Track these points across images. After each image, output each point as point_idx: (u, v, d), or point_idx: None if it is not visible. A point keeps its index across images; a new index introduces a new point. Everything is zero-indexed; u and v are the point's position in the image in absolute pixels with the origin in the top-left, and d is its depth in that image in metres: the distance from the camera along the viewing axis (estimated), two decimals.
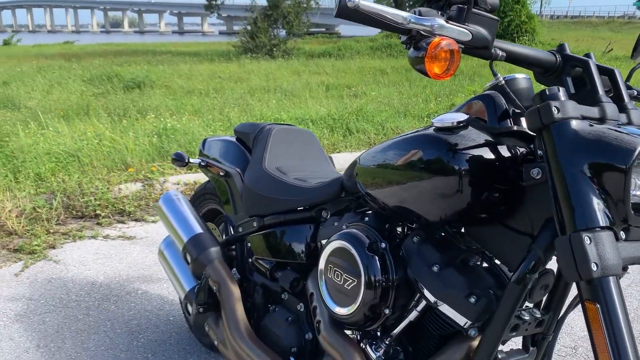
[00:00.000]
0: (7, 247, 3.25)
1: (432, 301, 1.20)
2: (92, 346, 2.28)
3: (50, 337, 2.34)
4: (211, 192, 2.26)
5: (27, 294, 2.71)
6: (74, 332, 2.38)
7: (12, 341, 2.31)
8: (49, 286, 2.80)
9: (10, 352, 2.24)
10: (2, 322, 2.45)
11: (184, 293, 1.93)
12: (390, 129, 5.98)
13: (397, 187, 1.24)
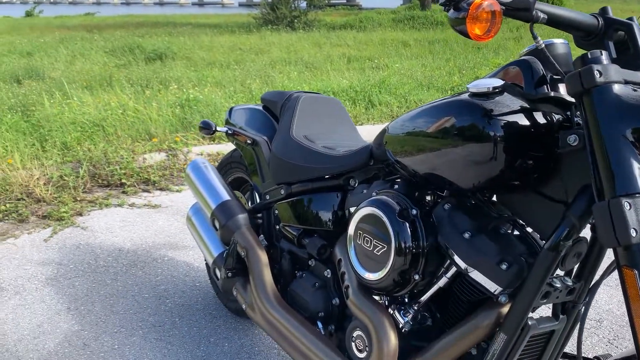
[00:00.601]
0: (36, 214, 3.32)
1: (463, 267, 1.20)
2: (120, 310, 2.34)
3: (80, 301, 2.40)
4: (237, 161, 2.27)
5: (56, 259, 2.78)
6: (102, 296, 2.44)
7: (43, 303, 2.38)
8: (78, 252, 2.86)
9: (43, 314, 2.30)
10: (33, 286, 2.52)
11: (212, 258, 1.97)
12: (413, 101, 5.93)
13: (428, 154, 1.23)
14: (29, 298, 2.42)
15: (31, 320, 2.26)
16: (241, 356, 2.07)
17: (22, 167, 3.76)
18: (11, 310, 2.32)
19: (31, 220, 3.25)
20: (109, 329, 2.20)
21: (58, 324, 2.23)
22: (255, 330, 2.24)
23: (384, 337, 1.30)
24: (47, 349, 2.07)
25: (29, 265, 2.71)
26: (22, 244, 2.94)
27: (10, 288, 2.49)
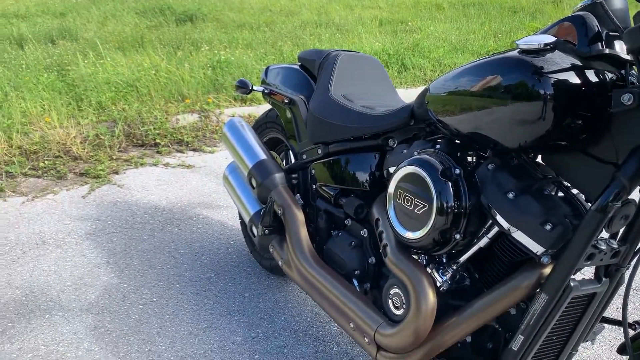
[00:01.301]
0: (73, 171, 3.40)
1: (506, 228, 1.19)
2: (158, 264, 2.40)
3: (119, 255, 2.47)
4: (273, 121, 2.27)
5: (94, 215, 2.85)
6: (140, 251, 2.50)
7: (83, 257, 2.46)
8: (115, 208, 2.93)
9: (83, 266, 2.38)
10: (73, 240, 2.60)
11: (248, 216, 1.99)
12: (447, 65, 5.81)
13: (472, 113, 1.21)
14: (70, 251, 2.50)
15: (72, 272, 2.33)
16: (275, 312, 2.12)
17: (59, 126, 3.83)
18: (53, 262, 2.40)
19: (69, 177, 3.33)
20: (147, 283, 2.26)
21: (98, 276, 2.30)
22: (289, 287, 2.28)
23: (422, 295, 1.31)
24: (89, 300, 2.14)
25: (68, 220, 2.79)
26: (62, 200, 3.02)
27: (52, 241, 2.58)
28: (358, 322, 1.49)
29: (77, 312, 2.06)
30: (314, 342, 1.97)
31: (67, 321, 2.01)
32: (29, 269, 2.34)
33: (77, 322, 2.01)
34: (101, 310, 2.08)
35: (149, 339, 1.94)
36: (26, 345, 1.88)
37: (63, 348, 1.88)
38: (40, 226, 2.71)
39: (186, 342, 1.93)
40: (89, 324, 2.00)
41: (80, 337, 1.93)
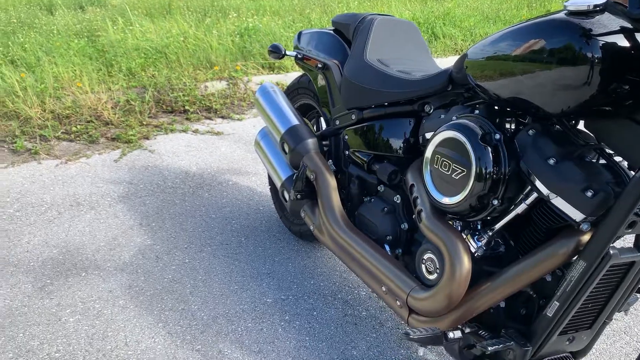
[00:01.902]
0: (105, 136, 3.45)
1: (545, 194, 1.18)
2: (189, 228, 2.44)
3: (152, 218, 2.52)
4: (305, 87, 2.27)
5: (127, 178, 2.90)
6: (172, 215, 2.55)
7: (117, 219, 2.51)
8: (146, 173, 2.97)
9: (117, 228, 2.43)
10: (106, 202, 2.65)
11: (280, 181, 2.00)
12: (478, 34, 5.69)
13: (513, 78, 1.19)
14: (103, 213, 2.55)
15: (106, 233, 2.39)
16: (304, 276, 2.15)
17: (91, 91, 3.88)
18: (87, 223, 2.46)
19: (101, 141, 3.38)
20: (180, 245, 2.31)
21: (132, 237, 2.36)
22: (318, 253, 2.31)
23: (457, 260, 1.31)
24: (123, 260, 2.20)
25: (101, 183, 2.84)
26: (94, 163, 3.08)
27: (86, 203, 2.63)
28: (390, 286, 1.50)
29: (112, 272, 2.12)
30: (343, 305, 2.00)
31: (103, 280, 2.07)
32: (65, 229, 2.41)
33: (112, 280, 2.07)
34: (135, 270, 2.13)
35: (182, 298, 1.98)
36: (64, 301, 1.95)
37: (99, 305, 1.93)
38: (74, 188, 2.77)
39: (218, 302, 1.97)
40: (124, 282, 2.06)
41: (116, 295, 1.99)
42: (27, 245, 2.27)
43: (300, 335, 1.84)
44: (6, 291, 1.98)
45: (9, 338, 1.76)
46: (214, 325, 1.86)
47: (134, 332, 1.81)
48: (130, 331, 1.81)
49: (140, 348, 1.74)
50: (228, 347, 1.77)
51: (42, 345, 1.74)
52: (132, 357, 1.71)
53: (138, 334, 1.80)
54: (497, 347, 1.24)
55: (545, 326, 1.24)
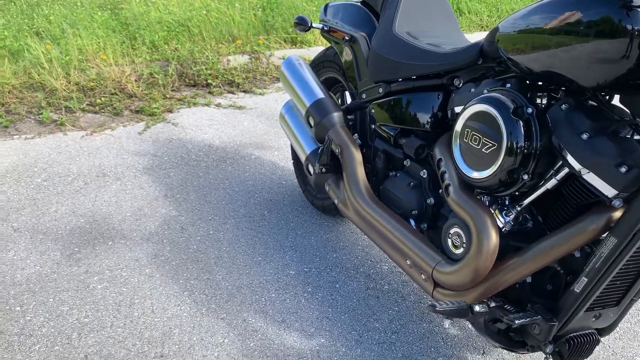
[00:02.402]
0: (129, 108, 3.47)
1: (577, 169, 1.16)
2: (213, 200, 2.47)
3: (176, 189, 2.55)
4: (330, 60, 2.25)
5: (151, 151, 2.92)
6: (196, 187, 2.57)
7: (142, 190, 2.54)
8: (170, 145, 3.00)
9: (142, 199, 2.47)
10: (132, 173, 2.68)
11: (305, 155, 2.01)
12: (505, 10, 5.58)
13: (547, 51, 1.17)
14: (129, 184, 2.58)
15: (132, 204, 2.42)
16: (327, 249, 2.16)
17: (115, 64, 3.89)
18: (114, 194, 2.50)
19: (125, 114, 3.41)
20: (204, 216, 2.34)
21: (157, 208, 2.39)
22: (340, 227, 2.32)
23: (484, 235, 1.31)
24: (149, 230, 2.23)
25: (126, 155, 2.87)
26: (119, 136, 3.11)
27: (112, 174, 2.67)
28: (415, 260, 1.51)
29: (138, 241, 2.16)
30: (365, 279, 2.01)
31: (129, 249, 2.11)
32: (91, 199, 2.44)
33: (139, 250, 2.10)
34: (161, 240, 2.16)
35: (207, 268, 2.01)
36: (92, 269, 1.99)
37: (126, 273, 1.97)
38: (99, 159, 2.81)
39: (242, 272, 2.00)
40: (150, 252, 2.09)
41: (142, 264, 2.02)
42: (54, 214, 2.32)
43: (323, 307, 1.86)
44: (36, 258, 2.03)
45: (40, 303, 1.81)
46: (238, 295, 1.89)
47: (160, 300, 1.85)
48: (156, 299, 1.85)
49: (166, 315, 1.78)
50: (252, 316, 1.80)
51: (71, 311, 1.78)
52: (159, 324, 1.75)
53: (164, 302, 1.84)
54: (523, 321, 1.24)
55: (572, 302, 1.24)
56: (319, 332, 1.76)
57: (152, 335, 1.70)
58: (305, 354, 1.67)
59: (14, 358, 1.59)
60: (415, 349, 1.72)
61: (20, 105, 3.33)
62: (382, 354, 1.69)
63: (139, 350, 1.64)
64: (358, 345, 1.72)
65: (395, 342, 1.74)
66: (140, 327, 1.73)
